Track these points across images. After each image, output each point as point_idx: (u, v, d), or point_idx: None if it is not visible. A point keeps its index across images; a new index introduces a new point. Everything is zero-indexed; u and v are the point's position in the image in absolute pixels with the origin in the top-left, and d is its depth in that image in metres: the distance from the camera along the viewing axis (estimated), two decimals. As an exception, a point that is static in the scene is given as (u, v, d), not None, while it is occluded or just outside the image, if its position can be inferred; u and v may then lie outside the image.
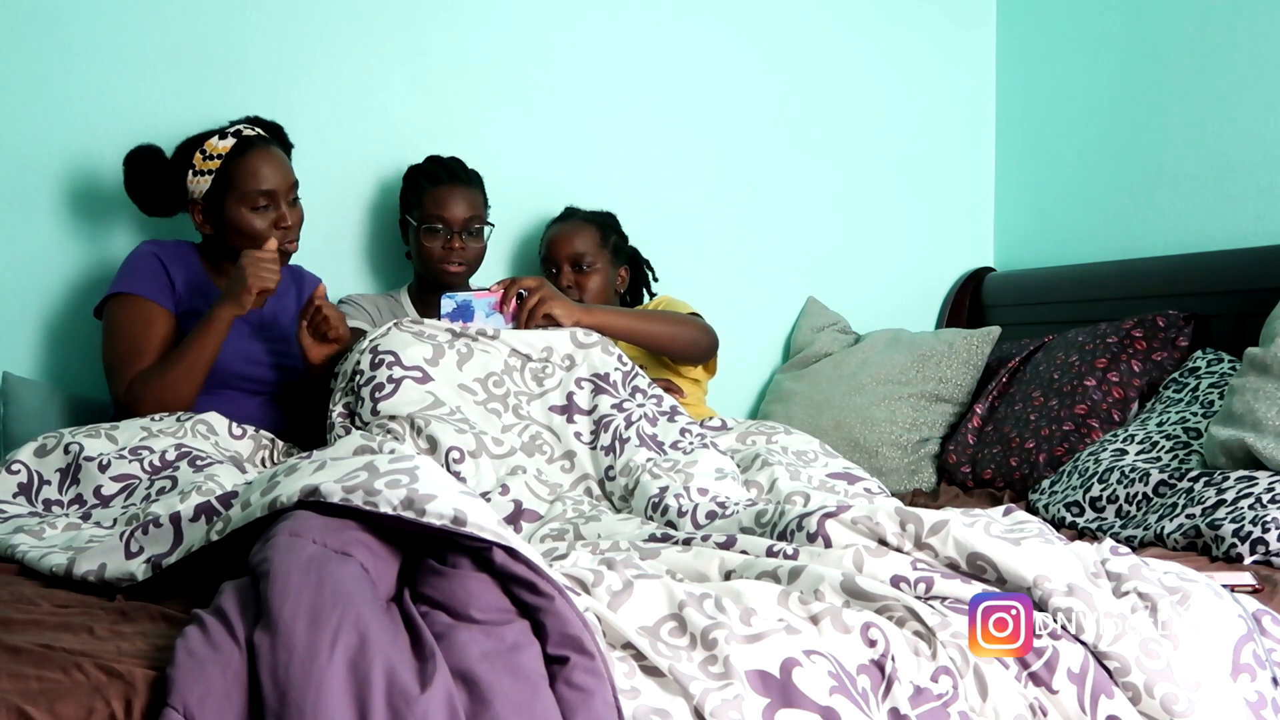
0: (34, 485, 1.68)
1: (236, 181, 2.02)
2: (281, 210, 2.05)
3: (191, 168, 2.04)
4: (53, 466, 1.71)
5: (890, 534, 1.29)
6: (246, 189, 2.02)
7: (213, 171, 2.03)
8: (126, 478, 1.68)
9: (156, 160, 2.08)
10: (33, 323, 2.24)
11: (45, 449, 1.72)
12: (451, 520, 1.09)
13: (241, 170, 2.02)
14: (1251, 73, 2.43)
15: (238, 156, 2.03)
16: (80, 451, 1.70)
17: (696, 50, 2.79)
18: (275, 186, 2.04)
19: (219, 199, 2.04)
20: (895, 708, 1.10)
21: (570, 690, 0.98)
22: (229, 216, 2.04)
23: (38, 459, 1.71)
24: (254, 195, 2.02)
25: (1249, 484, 1.73)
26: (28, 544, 1.43)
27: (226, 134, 2.05)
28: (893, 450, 2.50)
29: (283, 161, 2.08)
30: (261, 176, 2.03)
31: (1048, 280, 2.82)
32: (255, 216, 2.03)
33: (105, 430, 1.77)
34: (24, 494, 1.68)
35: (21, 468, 1.69)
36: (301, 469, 1.22)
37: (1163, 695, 1.14)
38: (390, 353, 1.80)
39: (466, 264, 2.33)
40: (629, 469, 1.73)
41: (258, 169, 2.03)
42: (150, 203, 2.11)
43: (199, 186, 2.04)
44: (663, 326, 2.22)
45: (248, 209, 2.03)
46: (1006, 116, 3.10)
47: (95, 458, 1.69)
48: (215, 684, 0.94)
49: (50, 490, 1.68)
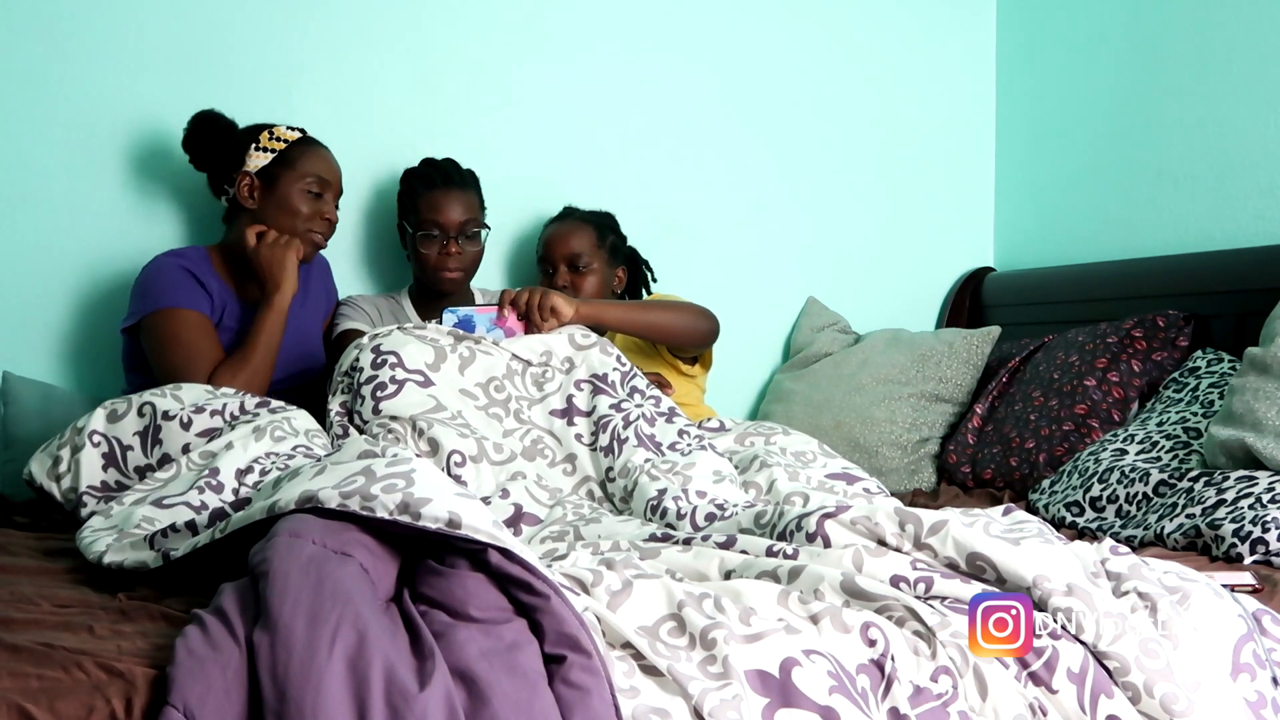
0: (118, 453, 1.66)
1: (298, 164, 2.12)
2: (329, 204, 2.16)
3: (255, 142, 2.12)
4: (130, 430, 1.67)
5: (889, 534, 1.29)
6: (306, 170, 2.13)
7: (275, 152, 2.12)
8: (211, 431, 1.67)
9: (222, 125, 2.14)
10: (32, 323, 2.24)
11: (117, 414, 1.69)
12: (446, 523, 1.10)
13: (304, 156, 2.14)
14: (1251, 73, 2.43)
15: (303, 145, 2.15)
16: (155, 411, 1.68)
17: (696, 50, 2.79)
18: (331, 179, 2.17)
19: (274, 176, 2.11)
20: (895, 707, 1.10)
21: (568, 689, 0.98)
22: (281, 192, 2.11)
23: (111, 424, 1.68)
24: (312, 179, 2.13)
25: (1249, 484, 1.73)
26: (89, 533, 1.44)
27: (294, 128, 2.16)
28: (893, 450, 2.50)
29: (339, 168, 2.21)
30: (322, 166, 2.16)
31: (1048, 280, 2.82)
32: (305, 200, 2.13)
33: (170, 391, 1.74)
34: (112, 465, 1.65)
35: (101, 439, 1.66)
36: (303, 473, 1.23)
37: (1162, 695, 1.14)
38: (392, 353, 1.80)
39: (463, 268, 2.32)
40: (627, 470, 1.73)
41: (319, 160, 2.16)
42: (206, 161, 2.15)
43: (258, 161, 2.11)
44: (659, 313, 2.22)
45: (301, 189, 2.12)
46: (1006, 116, 3.10)
47: (175, 415, 1.67)
48: (215, 683, 0.94)
49: (136, 456, 1.66)
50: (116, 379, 2.18)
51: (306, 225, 2.12)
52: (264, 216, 2.11)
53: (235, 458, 1.56)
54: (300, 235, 2.12)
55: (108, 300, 2.27)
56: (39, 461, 1.68)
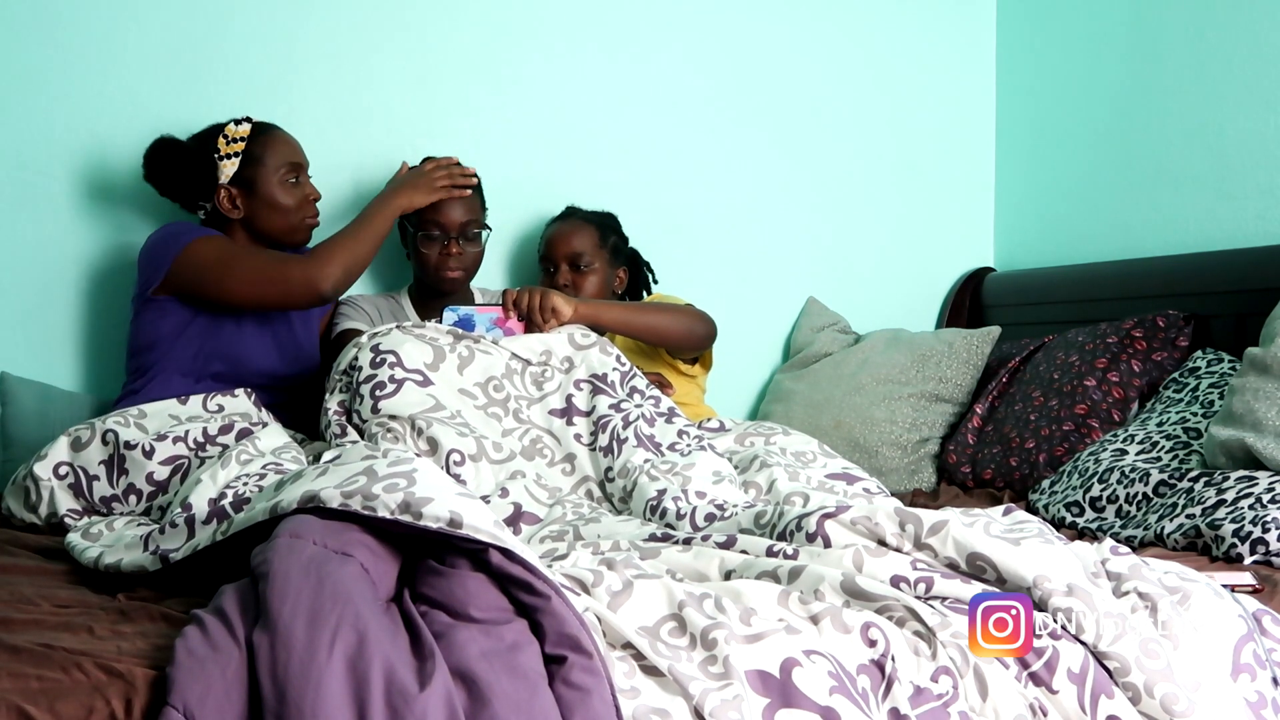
0: (83, 483, 1.67)
1: (266, 157, 2.10)
2: (307, 183, 2.15)
3: (216, 152, 2.08)
4: (95, 459, 1.68)
5: (890, 534, 1.29)
6: (277, 162, 2.10)
7: (239, 154, 2.08)
8: (175, 459, 1.68)
9: (179, 150, 2.11)
10: (32, 323, 2.24)
11: (81, 441, 1.70)
12: (448, 523, 1.10)
13: (268, 147, 2.10)
14: (1251, 73, 2.43)
15: (260, 135, 2.11)
16: (118, 440, 1.68)
17: (696, 50, 2.79)
18: (300, 159, 2.15)
19: (249, 178, 2.09)
20: (895, 708, 1.10)
21: (568, 689, 0.98)
22: (262, 191, 2.09)
23: (76, 453, 1.69)
24: (285, 167, 2.11)
25: (1249, 484, 1.73)
26: (81, 543, 1.45)
27: (240, 122, 2.11)
28: (893, 450, 2.50)
29: (296, 139, 2.17)
30: (289, 150, 2.13)
31: (1048, 280, 2.82)
32: (287, 191, 2.11)
33: (134, 419, 1.75)
34: (80, 495, 1.66)
35: (68, 469, 1.67)
36: (306, 475, 1.24)
37: (1163, 695, 1.14)
38: (391, 352, 1.80)
39: (464, 269, 2.32)
40: (627, 470, 1.73)
41: (281, 145, 2.13)
42: (175, 190, 2.13)
43: (227, 169, 2.08)
44: (657, 315, 2.22)
45: (278, 181, 2.10)
46: (1006, 116, 3.10)
47: (137, 444, 1.68)
48: (215, 683, 0.94)
49: (101, 486, 1.67)
50: (116, 379, 2.18)
51: (300, 215, 2.13)
52: (254, 220, 2.10)
53: (206, 490, 1.53)
54: (297, 227, 2.13)
55: (107, 300, 2.27)
56: (13, 496, 1.70)
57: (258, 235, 2.12)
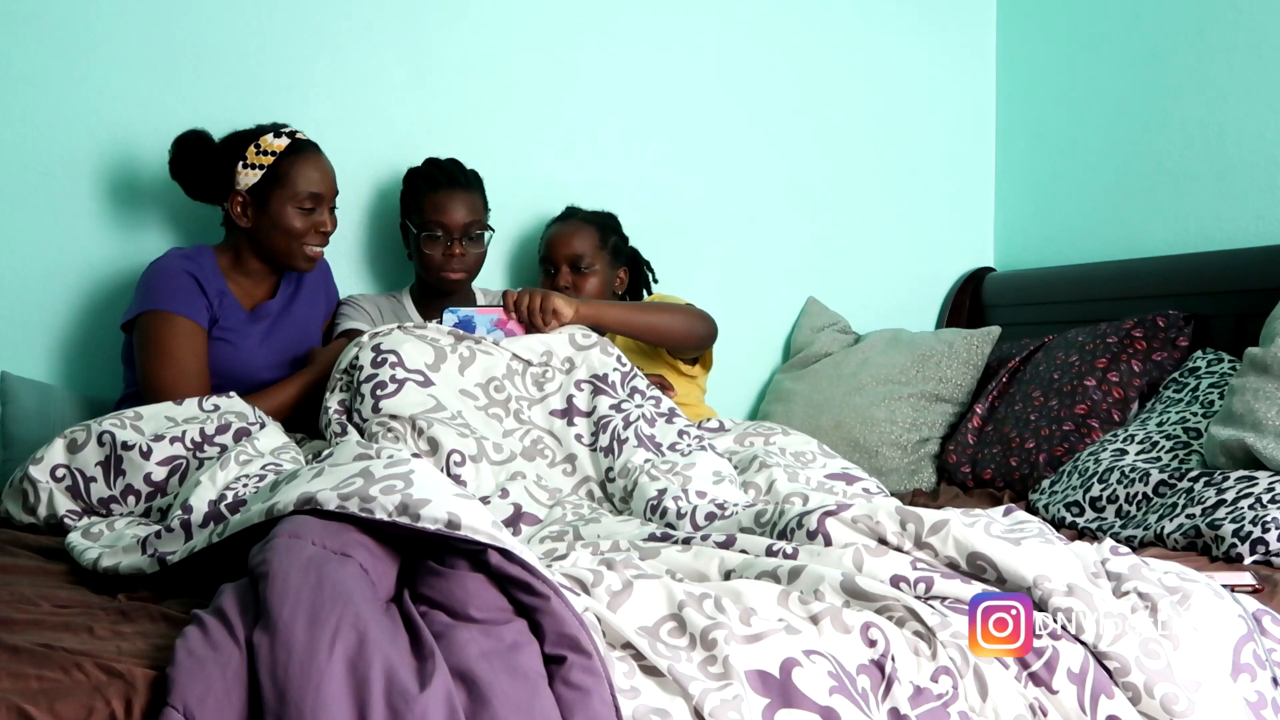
0: (80, 484, 1.67)
1: (288, 180, 2.06)
2: (324, 216, 2.11)
3: (243, 159, 2.06)
4: (92, 460, 1.68)
5: (890, 533, 1.29)
6: (297, 188, 2.06)
7: (264, 167, 2.06)
8: (172, 460, 1.68)
9: (205, 146, 2.09)
10: (32, 323, 2.24)
11: (77, 443, 1.70)
12: (446, 524, 1.10)
13: (295, 170, 2.06)
14: (1251, 73, 2.43)
15: (292, 156, 2.07)
16: (115, 441, 1.68)
17: (697, 50, 2.79)
18: (324, 191, 2.10)
19: (265, 194, 2.06)
20: (895, 708, 1.10)
21: (568, 689, 0.98)
22: (274, 211, 2.06)
23: (72, 455, 1.69)
24: (304, 196, 2.07)
25: (1249, 484, 1.73)
26: (81, 544, 1.46)
27: (281, 133, 2.09)
28: (893, 450, 2.50)
29: (332, 170, 2.14)
30: (314, 179, 2.08)
31: (1048, 280, 2.82)
32: (299, 216, 2.08)
33: (130, 420, 1.75)
34: (77, 497, 1.67)
35: (65, 472, 1.68)
36: (301, 476, 1.23)
37: (1163, 695, 1.14)
38: (392, 352, 1.80)
39: (466, 269, 2.32)
40: (627, 470, 1.73)
41: (310, 171, 2.08)
42: (194, 186, 2.12)
43: (247, 179, 2.06)
44: (657, 315, 2.22)
45: (294, 207, 2.07)
46: (1006, 116, 3.10)
47: (134, 445, 1.68)
48: (215, 683, 0.94)
49: (99, 487, 1.67)
50: (116, 379, 2.18)
51: (301, 241, 2.09)
52: (258, 234, 2.08)
53: (205, 492, 1.53)
54: (294, 251, 2.10)
55: (107, 300, 2.26)
56: (11, 499, 1.70)
57: (259, 251, 2.11)
